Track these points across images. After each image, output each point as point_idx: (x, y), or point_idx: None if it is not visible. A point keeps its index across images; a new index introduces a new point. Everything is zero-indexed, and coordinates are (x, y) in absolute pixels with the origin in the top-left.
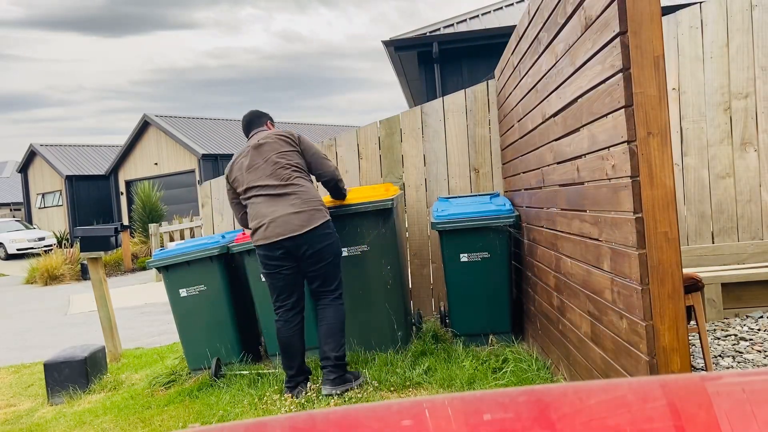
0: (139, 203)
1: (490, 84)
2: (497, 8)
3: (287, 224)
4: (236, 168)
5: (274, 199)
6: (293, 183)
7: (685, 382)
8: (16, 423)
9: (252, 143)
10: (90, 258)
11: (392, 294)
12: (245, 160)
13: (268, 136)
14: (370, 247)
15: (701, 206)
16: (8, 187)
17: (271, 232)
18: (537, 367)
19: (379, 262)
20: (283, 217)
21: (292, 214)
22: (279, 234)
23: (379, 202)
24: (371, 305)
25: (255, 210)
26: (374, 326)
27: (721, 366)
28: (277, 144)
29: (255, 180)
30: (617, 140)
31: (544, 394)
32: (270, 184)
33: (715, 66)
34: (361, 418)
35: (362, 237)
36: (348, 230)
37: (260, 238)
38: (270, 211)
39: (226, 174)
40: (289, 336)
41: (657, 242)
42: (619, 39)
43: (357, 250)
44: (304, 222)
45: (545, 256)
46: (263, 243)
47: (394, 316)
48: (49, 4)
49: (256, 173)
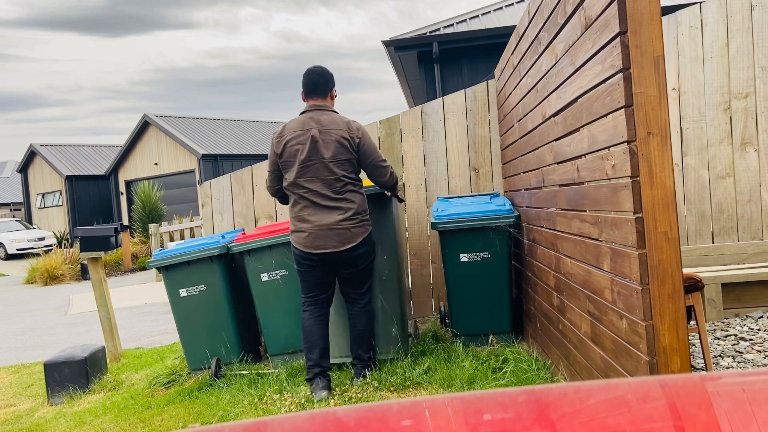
0: (139, 203)
1: (490, 84)
2: (497, 8)
3: (328, 239)
4: (289, 150)
5: (320, 210)
6: (344, 198)
7: (685, 382)
8: (16, 423)
9: (313, 131)
10: (90, 258)
11: (389, 289)
12: (302, 147)
13: (331, 130)
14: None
15: (701, 206)
16: (8, 187)
17: (311, 243)
18: (537, 367)
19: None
20: (325, 230)
21: (336, 230)
22: (317, 247)
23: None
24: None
25: (298, 211)
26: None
27: (721, 366)
28: (336, 148)
29: (306, 180)
30: (617, 140)
31: (544, 394)
32: (320, 192)
33: (715, 66)
34: (361, 418)
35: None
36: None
37: (299, 242)
38: (314, 220)
39: (274, 145)
40: (310, 326)
41: (657, 242)
42: (619, 39)
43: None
44: (346, 240)
45: (545, 256)
46: (301, 249)
47: (391, 313)
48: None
49: (309, 172)
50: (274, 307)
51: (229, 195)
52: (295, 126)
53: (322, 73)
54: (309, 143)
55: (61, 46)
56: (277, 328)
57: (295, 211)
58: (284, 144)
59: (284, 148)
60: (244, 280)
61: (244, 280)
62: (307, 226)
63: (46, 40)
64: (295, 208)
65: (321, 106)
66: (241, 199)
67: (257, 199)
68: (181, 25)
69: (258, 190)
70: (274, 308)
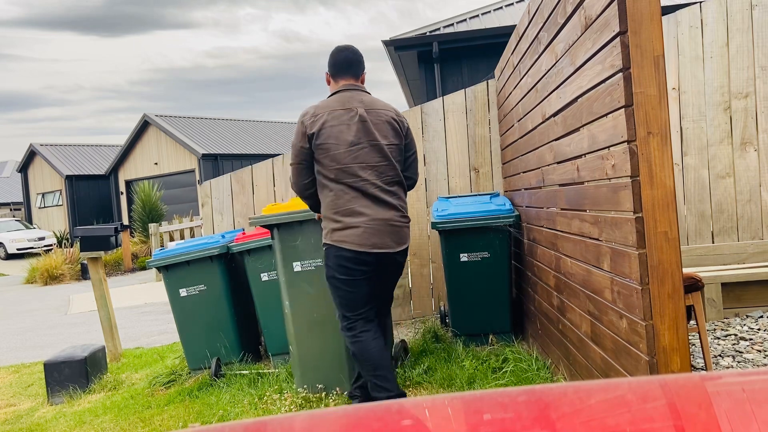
0: (139, 203)
1: (490, 84)
2: (497, 8)
3: (386, 236)
4: (329, 131)
5: (373, 202)
6: (396, 190)
7: (685, 382)
8: (16, 423)
9: (359, 110)
10: (90, 258)
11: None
12: (346, 129)
13: (379, 111)
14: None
15: (701, 206)
16: (8, 187)
17: (367, 240)
18: (537, 367)
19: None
20: (382, 226)
21: (391, 227)
22: (375, 245)
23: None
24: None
25: (346, 203)
26: (325, 359)
27: (721, 366)
28: (388, 129)
29: (356, 168)
30: (617, 140)
31: (544, 394)
32: (372, 182)
33: (715, 66)
34: (361, 418)
35: (316, 250)
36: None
37: (351, 241)
38: (370, 213)
39: (306, 126)
40: (379, 350)
41: (657, 242)
42: (619, 39)
43: (311, 265)
44: (401, 240)
45: (545, 255)
46: (353, 249)
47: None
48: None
49: (359, 157)
50: (274, 307)
51: (229, 195)
52: (332, 104)
53: (355, 51)
54: (357, 123)
55: (60, 46)
56: (277, 328)
57: (340, 204)
58: (321, 124)
59: (322, 128)
60: (244, 280)
61: (244, 280)
62: (362, 219)
63: (45, 39)
64: (339, 200)
65: (357, 86)
66: (241, 199)
67: (257, 199)
68: (180, 25)
69: (258, 190)
70: (274, 308)
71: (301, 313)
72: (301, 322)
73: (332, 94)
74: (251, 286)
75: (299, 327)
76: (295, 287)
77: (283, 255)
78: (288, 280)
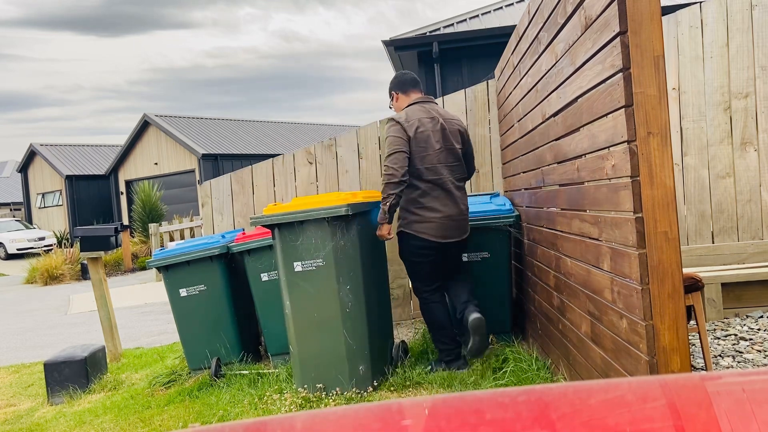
0: (139, 203)
1: (490, 84)
2: (497, 8)
3: (456, 228)
4: (421, 135)
5: (449, 197)
6: (463, 185)
7: (685, 382)
8: (16, 423)
9: (440, 119)
10: (90, 258)
11: (353, 318)
12: (433, 134)
13: (452, 120)
14: (325, 262)
15: (701, 206)
16: (8, 187)
17: (443, 232)
18: (537, 367)
19: (336, 280)
20: (455, 219)
21: (461, 220)
22: (446, 237)
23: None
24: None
25: (429, 201)
26: (325, 358)
27: (721, 366)
28: (458, 136)
29: (441, 168)
30: (617, 140)
31: (544, 394)
32: (450, 180)
33: (715, 66)
34: (361, 418)
35: (317, 250)
36: (303, 242)
37: (426, 233)
38: (444, 210)
39: (404, 128)
40: (445, 314)
41: (657, 242)
42: (619, 39)
43: (312, 265)
44: (463, 231)
45: (545, 255)
46: (431, 239)
47: (353, 343)
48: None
49: (443, 158)
50: (274, 307)
51: (229, 195)
52: (419, 113)
53: (413, 74)
54: (440, 130)
55: (59, 46)
56: (277, 328)
57: (423, 202)
58: (415, 129)
59: (416, 132)
60: (244, 280)
61: (244, 280)
62: (437, 216)
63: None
64: (424, 198)
65: (430, 99)
66: (241, 199)
67: (257, 199)
68: (179, 25)
69: (258, 190)
70: (274, 308)
71: (302, 313)
72: (301, 322)
73: (411, 104)
74: (251, 286)
75: (299, 327)
76: (296, 287)
77: (284, 255)
78: (288, 280)
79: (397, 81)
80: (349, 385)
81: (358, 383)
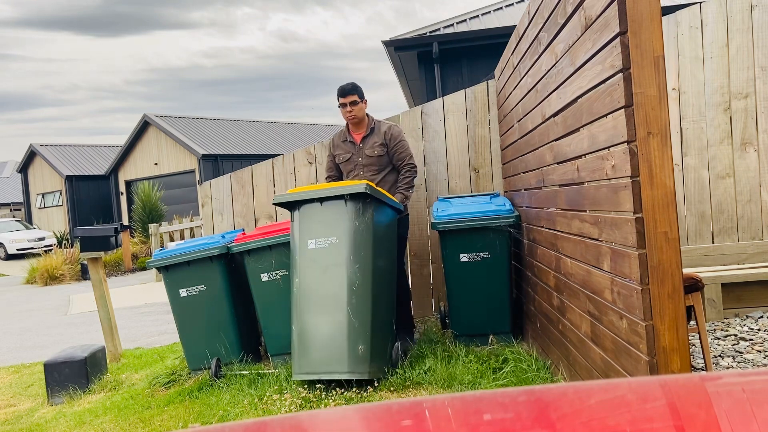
0: (139, 203)
1: (490, 84)
2: (497, 8)
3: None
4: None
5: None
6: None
7: (685, 382)
8: (16, 423)
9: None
10: (90, 258)
11: (359, 299)
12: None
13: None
14: (339, 240)
15: (701, 206)
16: (8, 187)
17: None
18: (537, 367)
19: (347, 257)
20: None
21: None
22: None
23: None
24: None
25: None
26: (326, 336)
27: (721, 366)
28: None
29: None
30: (617, 140)
31: (544, 394)
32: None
33: (715, 66)
34: (361, 418)
35: (333, 227)
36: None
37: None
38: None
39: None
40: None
41: (657, 242)
42: (619, 39)
43: (326, 243)
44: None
45: (545, 256)
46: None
47: (356, 321)
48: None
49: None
50: (274, 307)
51: (229, 195)
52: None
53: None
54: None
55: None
56: (277, 328)
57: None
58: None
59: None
60: (244, 280)
61: (244, 280)
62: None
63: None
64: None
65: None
66: (241, 199)
67: (257, 199)
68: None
69: (258, 190)
70: (274, 308)
71: (309, 289)
72: (307, 299)
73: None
74: (251, 287)
75: (305, 304)
76: (307, 264)
77: (300, 233)
78: (301, 258)
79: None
80: (348, 364)
81: (356, 363)
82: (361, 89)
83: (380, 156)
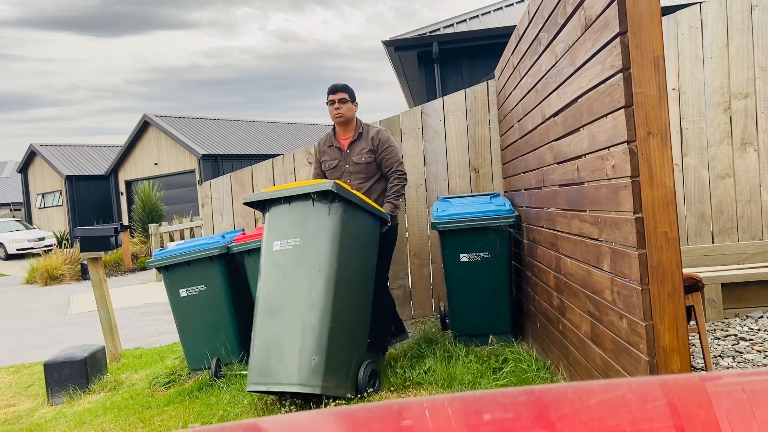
0: (139, 203)
1: (490, 84)
2: (497, 8)
3: None
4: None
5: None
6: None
7: (685, 382)
8: (16, 423)
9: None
10: (90, 258)
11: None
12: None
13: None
14: (302, 241)
15: (701, 206)
16: (8, 187)
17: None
18: (537, 367)
19: (308, 259)
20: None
21: None
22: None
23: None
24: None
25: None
26: (279, 345)
27: (721, 366)
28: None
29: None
30: (617, 140)
31: (544, 394)
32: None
33: (715, 66)
34: (361, 418)
35: (297, 228)
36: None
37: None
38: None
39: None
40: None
41: (657, 242)
42: (619, 39)
43: (289, 244)
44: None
45: (545, 256)
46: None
47: (313, 334)
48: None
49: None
50: None
51: (229, 195)
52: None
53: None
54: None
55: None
56: None
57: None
58: None
59: None
60: (244, 280)
61: (244, 280)
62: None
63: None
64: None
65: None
66: (241, 199)
67: None
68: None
69: (258, 191)
70: None
71: (269, 295)
72: (265, 305)
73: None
74: (251, 287)
75: (263, 311)
76: (270, 268)
77: (267, 235)
78: (265, 261)
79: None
80: (298, 376)
81: (308, 375)
82: (353, 91)
83: (368, 163)
